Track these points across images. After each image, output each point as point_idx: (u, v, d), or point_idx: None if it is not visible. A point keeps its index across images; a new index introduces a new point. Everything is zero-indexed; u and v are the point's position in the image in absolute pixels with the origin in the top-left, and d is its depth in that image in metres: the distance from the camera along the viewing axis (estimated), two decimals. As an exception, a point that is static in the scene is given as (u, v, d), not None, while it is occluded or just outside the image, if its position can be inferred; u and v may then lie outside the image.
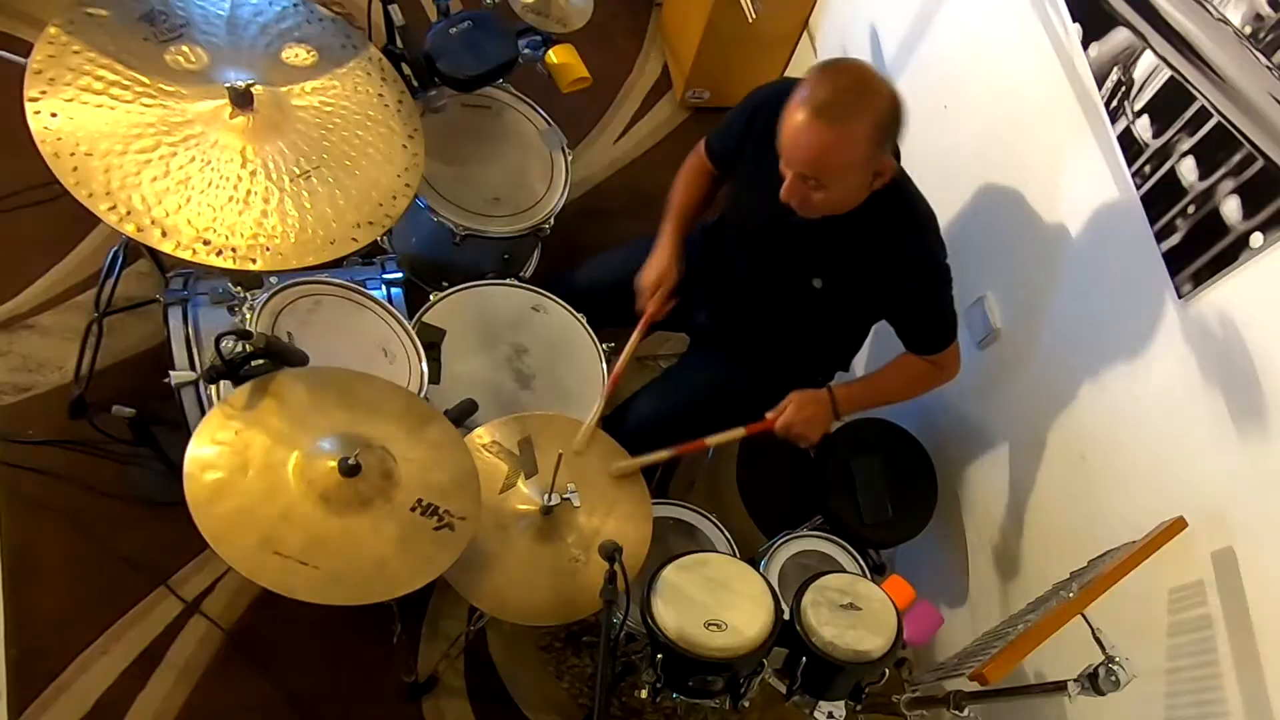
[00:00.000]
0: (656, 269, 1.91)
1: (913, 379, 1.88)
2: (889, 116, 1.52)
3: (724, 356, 2.04)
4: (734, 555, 1.88)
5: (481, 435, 1.70)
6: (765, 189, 1.64)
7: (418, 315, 1.91)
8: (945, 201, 2.11)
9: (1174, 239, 1.58)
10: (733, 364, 2.02)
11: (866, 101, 1.50)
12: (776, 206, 1.62)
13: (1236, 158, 1.46)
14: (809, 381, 2.10)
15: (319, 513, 1.37)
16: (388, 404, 1.54)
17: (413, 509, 1.44)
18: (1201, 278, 1.53)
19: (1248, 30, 1.43)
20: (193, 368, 1.78)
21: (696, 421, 1.89)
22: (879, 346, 2.07)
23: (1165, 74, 1.59)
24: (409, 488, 1.45)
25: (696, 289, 1.99)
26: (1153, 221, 1.63)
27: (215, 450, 1.36)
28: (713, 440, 1.83)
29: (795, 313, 1.88)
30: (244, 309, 1.64)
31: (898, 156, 1.72)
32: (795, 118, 1.50)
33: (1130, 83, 1.66)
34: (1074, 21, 1.79)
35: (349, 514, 1.39)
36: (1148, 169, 1.63)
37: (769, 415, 1.82)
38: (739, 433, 1.84)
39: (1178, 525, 1.53)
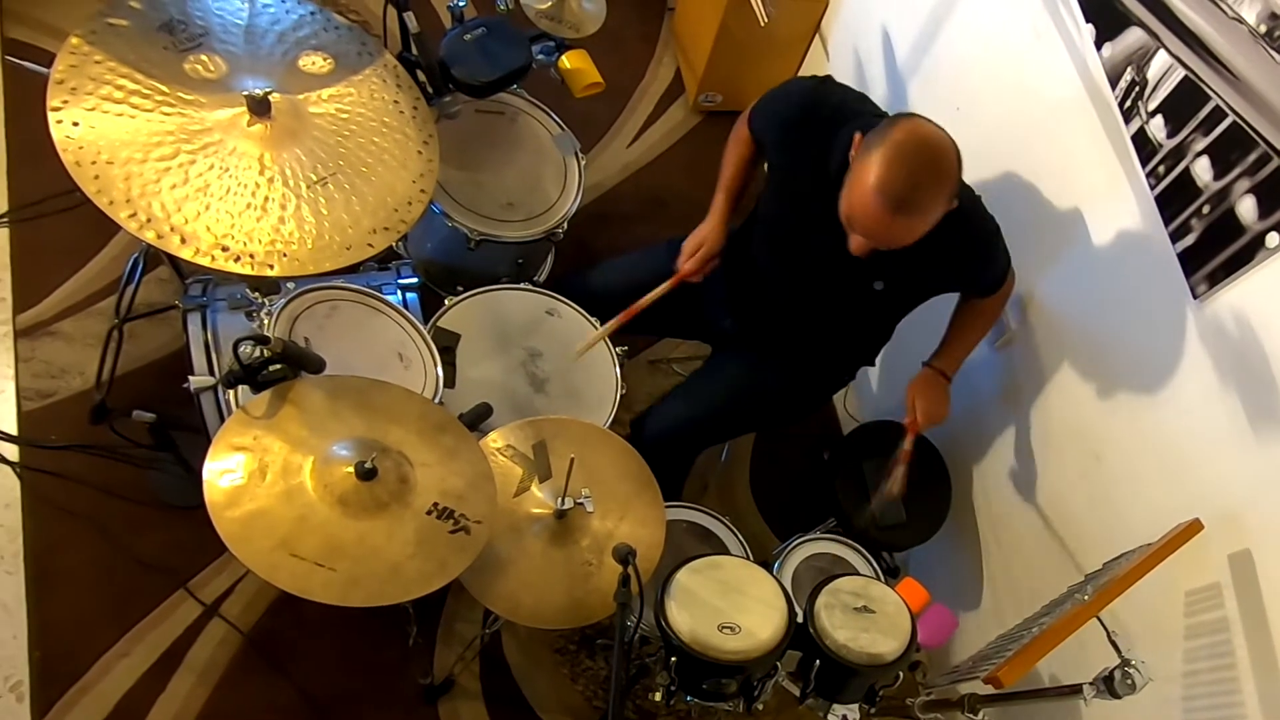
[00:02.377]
0: (701, 232, 1.92)
1: (988, 314, 1.93)
2: (957, 178, 1.52)
3: (750, 359, 2.04)
4: (747, 558, 1.88)
5: (496, 439, 1.71)
6: (817, 202, 1.62)
7: (433, 320, 1.92)
8: (958, 203, 2.10)
9: (1189, 239, 1.58)
10: (760, 366, 2.02)
11: (942, 183, 1.50)
12: (833, 226, 1.59)
13: (1252, 157, 1.45)
14: (836, 378, 2.10)
15: (336, 516, 1.38)
16: (404, 409, 1.55)
17: (428, 512, 1.45)
18: (1217, 278, 1.52)
19: (1263, 29, 1.42)
20: (212, 373, 1.80)
21: (724, 424, 1.88)
22: (894, 344, 2.07)
23: (1179, 74, 1.58)
24: (425, 491, 1.46)
25: (719, 296, 1.99)
26: (1167, 222, 1.62)
27: (234, 455, 1.38)
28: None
29: (851, 313, 1.89)
30: (261, 314, 1.66)
31: None
32: (874, 208, 1.47)
33: (1144, 83, 1.65)
34: (1087, 22, 1.78)
35: (365, 517, 1.40)
36: (1162, 169, 1.62)
37: (906, 421, 1.88)
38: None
39: (1194, 527, 1.52)
